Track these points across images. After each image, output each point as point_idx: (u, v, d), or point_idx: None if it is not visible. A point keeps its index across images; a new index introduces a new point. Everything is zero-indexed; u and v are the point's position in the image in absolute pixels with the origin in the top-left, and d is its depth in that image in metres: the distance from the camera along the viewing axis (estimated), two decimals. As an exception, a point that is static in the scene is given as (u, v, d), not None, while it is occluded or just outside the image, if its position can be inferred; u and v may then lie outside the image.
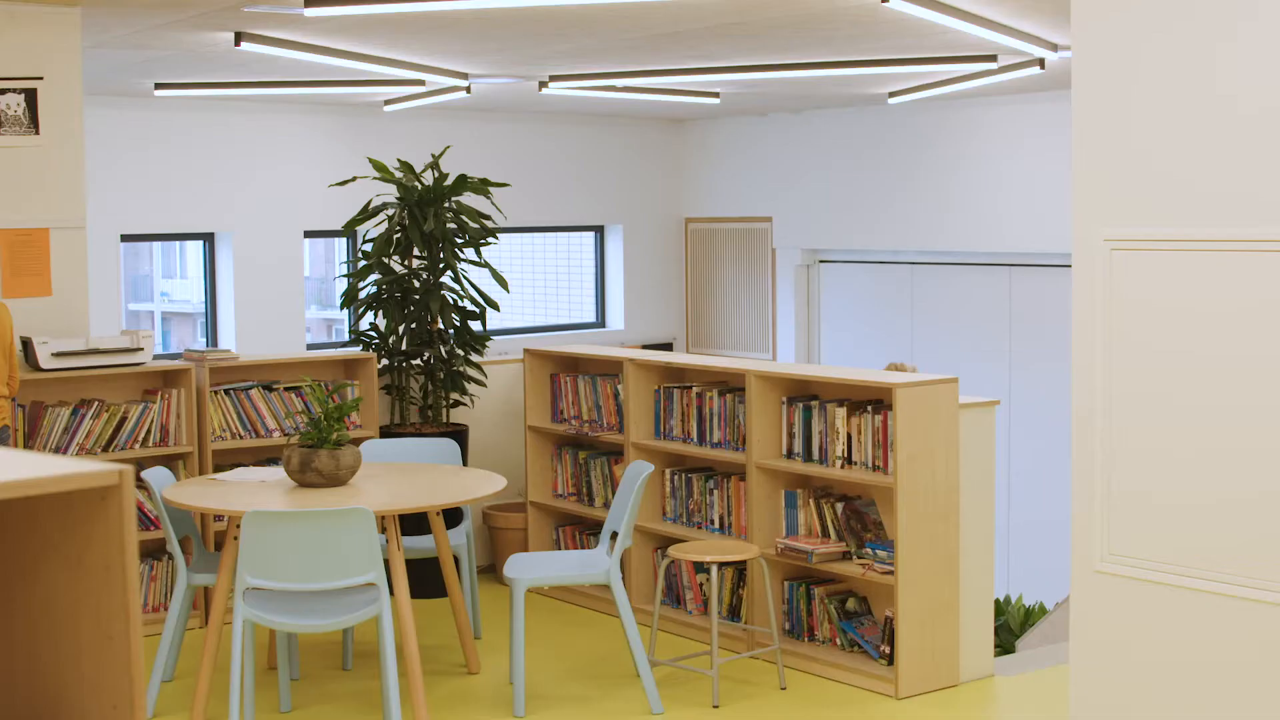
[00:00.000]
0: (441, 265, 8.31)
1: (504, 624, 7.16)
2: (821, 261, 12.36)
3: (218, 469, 7.44)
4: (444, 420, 8.40)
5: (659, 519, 7.56)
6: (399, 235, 8.30)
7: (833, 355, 12.25)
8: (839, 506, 6.73)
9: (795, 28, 7.18)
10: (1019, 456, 10.66)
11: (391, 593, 5.80)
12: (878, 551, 6.49)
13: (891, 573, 6.38)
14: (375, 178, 8.52)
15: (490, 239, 8.47)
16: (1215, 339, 4.06)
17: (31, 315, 6.94)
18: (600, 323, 12.64)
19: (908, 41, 7.66)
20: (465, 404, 8.52)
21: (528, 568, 6.40)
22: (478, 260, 8.43)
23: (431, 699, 6.27)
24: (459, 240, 8.37)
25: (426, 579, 7.64)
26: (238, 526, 5.62)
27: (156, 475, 6.34)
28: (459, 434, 8.13)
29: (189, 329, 16.30)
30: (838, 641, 6.75)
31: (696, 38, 7.52)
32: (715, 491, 7.27)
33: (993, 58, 8.19)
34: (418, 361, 8.39)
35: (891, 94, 10.18)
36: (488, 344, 8.55)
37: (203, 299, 10.76)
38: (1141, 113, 4.18)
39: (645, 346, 11.90)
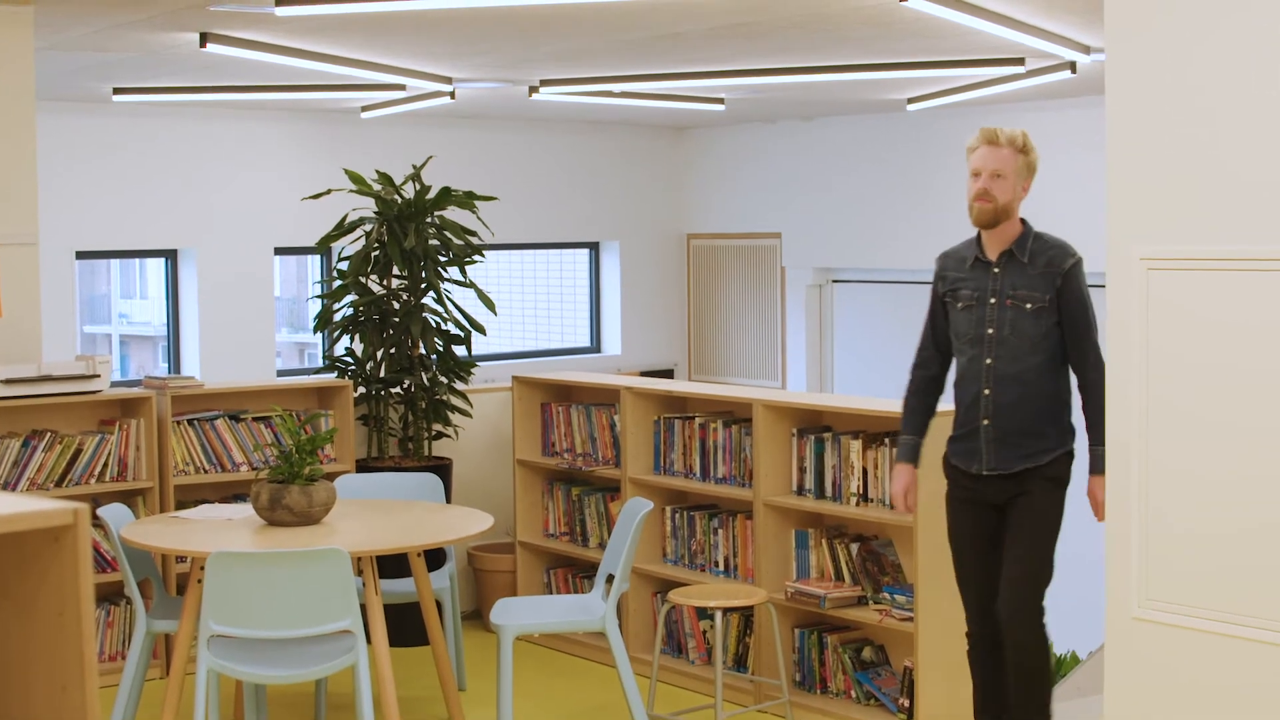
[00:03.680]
0: (423, 285, 8.31)
1: (490, 674, 7.14)
2: (835, 281, 12.37)
3: (180, 506, 7.44)
4: (426, 453, 8.40)
5: (659, 561, 7.56)
6: (377, 253, 8.31)
7: (847, 383, 12.25)
8: (854, 547, 6.72)
9: (806, 29, 7.20)
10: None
11: (368, 640, 5.79)
12: (896, 596, 6.48)
13: (911, 619, 6.37)
14: (352, 190, 8.53)
15: (476, 257, 8.48)
16: (1262, 365, 4.06)
17: (-21, 339, 6.94)
18: (595, 348, 12.65)
19: (928, 43, 7.67)
20: (449, 436, 8.52)
21: (516, 613, 6.40)
22: (462, 280, 8.44)
23: (411, 756, 6.26)
24: (442, 258, 8.38)
25: (406, 626, 7.63)
26: (201, 568, 5.62)
27: (114, 513, 6.34)
28: (442, 468, 8.13)
29: (149, 353, 16.31)
30: (852, 694, 6.74)
31: (700, 39, 7.53)
32: (720, 531, 7.27)
33: (1020, 61, 8.21)
34: (397, 390, 8.39)
35: (910, 100, 10.20)
36: (473, 371, 8.56)
37: (164, 321, 10.76)
38: (1181, 120, 4.19)
39: (644, 374, 11.90)
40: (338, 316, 8.54)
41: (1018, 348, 5.51)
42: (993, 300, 5.56)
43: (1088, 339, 5.51)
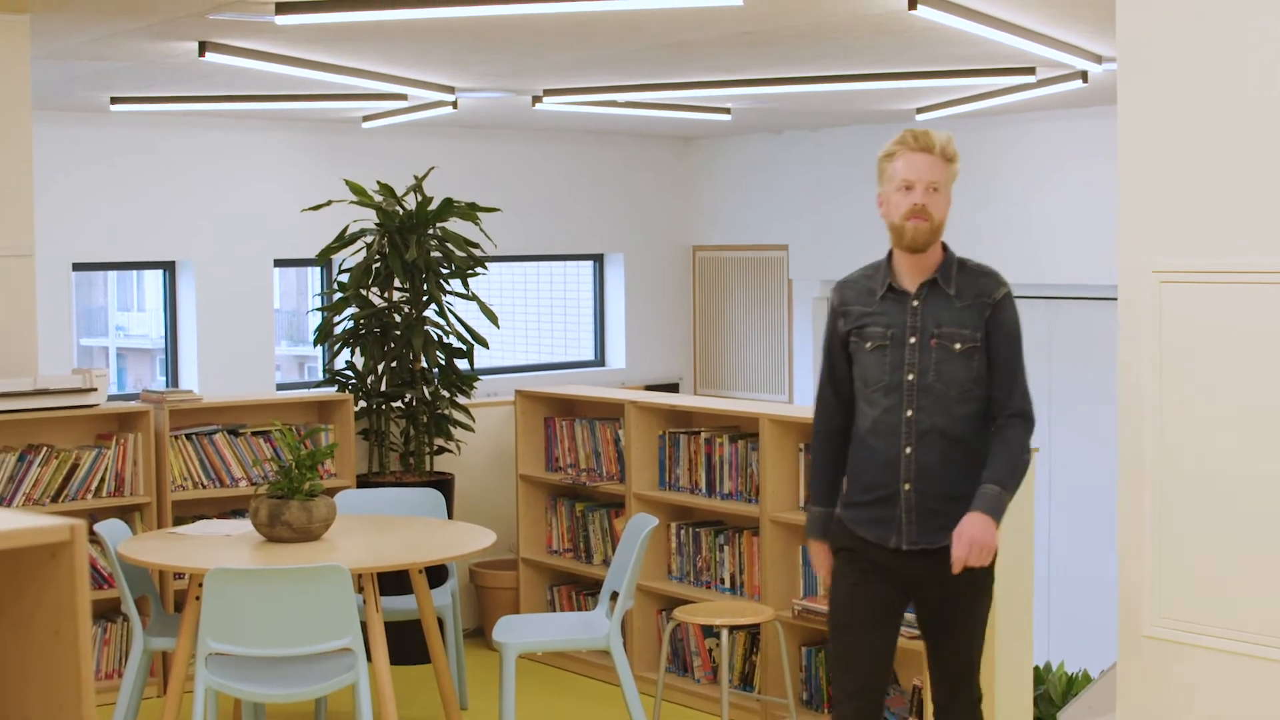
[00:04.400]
0: (425, 298, 8.32)
1: (493, 693, 7.14)
2: (843, 294, 12.36)
3: (178, 522, 7.44)
4: (427, 468, 8.40)
5: (664, 578, 7.55)
6: (378, 265, 8.32)
7: (855, 397, 12.23)
8: (862, 564, 6.71)
9: (814, 38, 7.21)
10: (1060, 508, 10.64)
11: (369, 659, 5.79)
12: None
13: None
14: (352, 201, 8.54)
15: (478, 269, 8.48)
16: (1277, 379, 4.06)
17: (-26, 352, 6.95)
18: (599, 361, 12.65)
19: (937, 52, 7.68)
20: (451, 451, 8.52)
21: (519, 631, 6.39)
22: (465, 292, 8.44)
23: (412, 776, 6.25)
24: (444, 270, 8.38)
25: (408, 643, 7.62)
26: (200, 585, 5.62)
27: (111, 528, 6.34)
28: (444, 484, 8.13)
29: (147, 367, 16.32)
30: (861, 713, 6.72)
31: (705, 48, 7.54)
32: (726, 548, 7.26)
33: (1031, 70, 8.21)
34: (399, 404, 8.39)
35: (919, 110, 10.20)
36: (476, 384, 8.56)
37: (162, 334, 10.77)
38: (1193, 130, 4.19)
39: (648, 387, 11.90)
40: (338, 329, 8.55)
41: (944, 396, 4.69)
42: (913, 340, 4.72)
43: (1015, 381, 4.76)
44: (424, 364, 8.34)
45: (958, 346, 4.69)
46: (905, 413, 4.69)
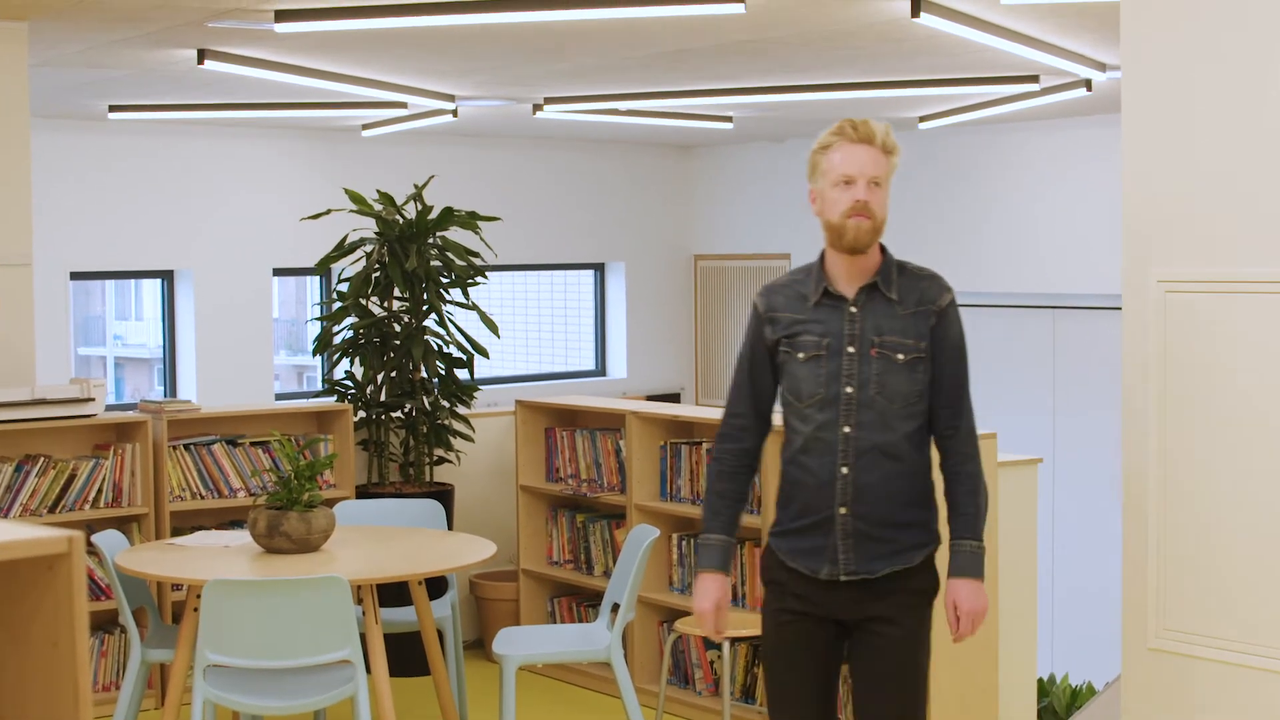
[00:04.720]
0: (425, 307, 8.32)
1: (493, 706, 7.13)
2: (845, 303, 12.36)
3: (176, 532, 7.43)
4: (427, 479, 8.40)
5: (665, 589, 7.54)
6: (378, 274, 8.32)
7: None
8: (865, 575, 6.70)
9: (816, 45, 7.21)
10: (1064, 519, 10.64)
11: (368, 671, 5.79)
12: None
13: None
14: (352, 210, 8.54)
15: (479, 278, 8.48)
16: (1281, 390, 4.06)
17: (-29, 362, 6.95)
18: (600, 371, 12.65)
19: (941, 61, 7.68)
20: (451, 461, 8.51)
21: (520, 643, 6.39)
22: (465, 302, 8.44)
23: (412, 789, 6.24)
24: (444, 280, 8.38)
25: (407, 655, 7.62)
26: (198, 597, 5.61)
27: (108, 539, 6.33)
28: (444, 494, 8.12)
29: (145, 376, 16.32)
30: (864, 726, 6.72)
31: (707, 56, 7.55)
32: (727, 558, 7.25)
33: (1034, 78, 8.22)
34: (398, 414, 8.38)
35: (922, 118, 10.21)
36: (476, 395, 8.55)
37: (160, 343, 10.78)
38: (1199, 139, 4.19)
39: (650, 398, 11.90)
40: (337, 339, 8.54)
41: (886, 411, 4.28)
42: (851, 349, 4.30)
43: (963, 400, 4.37)
44: (424, 374, 8.34)
45: (901, 357, 4.29)
46: (842, 429, 4.28)
